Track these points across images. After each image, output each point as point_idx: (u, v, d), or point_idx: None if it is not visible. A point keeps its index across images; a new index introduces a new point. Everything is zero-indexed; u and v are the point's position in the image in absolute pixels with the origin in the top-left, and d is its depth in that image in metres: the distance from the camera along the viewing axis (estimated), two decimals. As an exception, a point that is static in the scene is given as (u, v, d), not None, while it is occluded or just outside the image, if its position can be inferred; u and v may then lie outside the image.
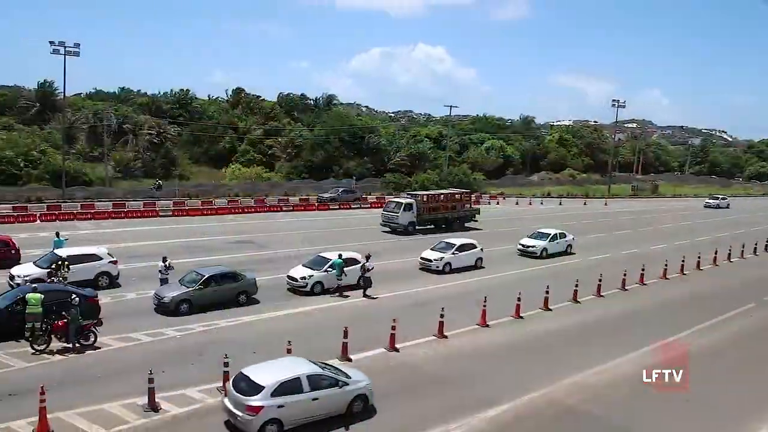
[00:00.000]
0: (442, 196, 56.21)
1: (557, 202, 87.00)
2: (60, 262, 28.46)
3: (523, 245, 43.25)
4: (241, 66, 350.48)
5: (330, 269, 31.04)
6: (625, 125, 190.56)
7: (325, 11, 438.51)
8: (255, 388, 16.35)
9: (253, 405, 16.05)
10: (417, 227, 51.08)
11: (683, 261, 40.25)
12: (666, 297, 33.56)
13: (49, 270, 28.15)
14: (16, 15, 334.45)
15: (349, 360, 21.77)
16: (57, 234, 35.05)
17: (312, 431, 16.95)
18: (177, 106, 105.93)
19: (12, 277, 28.43)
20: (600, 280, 32.99)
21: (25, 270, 29.00)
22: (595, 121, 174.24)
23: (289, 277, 31.21)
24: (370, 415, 18.08)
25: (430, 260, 36.51)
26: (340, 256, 31.69)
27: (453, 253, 37.02)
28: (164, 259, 29.82)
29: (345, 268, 31.22)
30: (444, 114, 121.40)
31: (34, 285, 24.10)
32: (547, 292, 29.96)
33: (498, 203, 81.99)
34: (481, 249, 38.95)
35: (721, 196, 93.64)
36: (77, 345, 21.82)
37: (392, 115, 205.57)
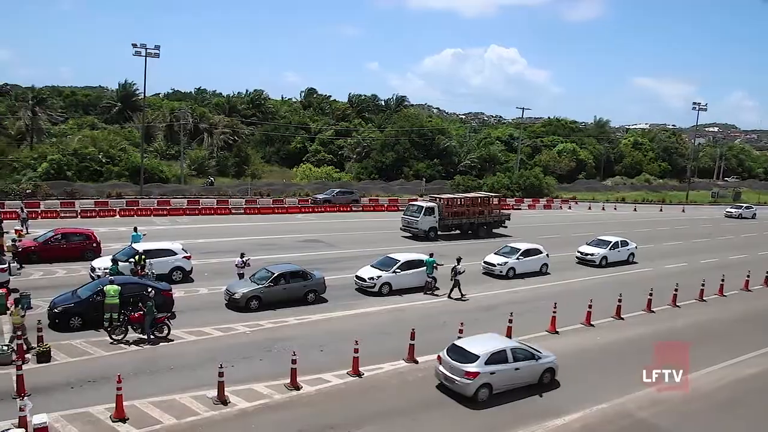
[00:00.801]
0: (467, 200, 53.00)
1: (632, 207, 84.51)
2: (137, 257, 29.47)
3: (581, 253, 41.75)
4: (313, 67, 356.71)
5: (398, 270, 31.15)
6: (706, 129, 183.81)
7: (398, 12, 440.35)
8: (470, 358, 19.06)
9: (471, 371, 18.78)
10: (439, 233, 48.57)
11: (768, 273, 38.27)
12: (747, 310, 32.09)
13: (134, 263, 29.11)
14: (101, 20, 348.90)
15: (416, 362, 21.72)
16: (135, 229, 36.34)
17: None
18: (251, 106, 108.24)
19: (93, 269, 29.60)
20: (676, 290, 31.85)
21: (106, 263, 30.10)
22: (673, 125, 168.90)
23: (357, 277, 31.38)
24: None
25: (494, 264, 36.04)
26: (431, 255, 32.30)
27: (518, 258, 36.39)
28: (242, 255, 30.84)
29: (412, 270, 31.32)
30: (515, 116, 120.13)
31: (111, 277, 25.07)
32: (620, 301, 29.10)
33: (570, 208, 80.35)
34: (547, 255, 38.20)
35: (745, 205, 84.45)
36: (152, 337, 22.52)
37: (463, 117, 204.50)
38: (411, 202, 53.31)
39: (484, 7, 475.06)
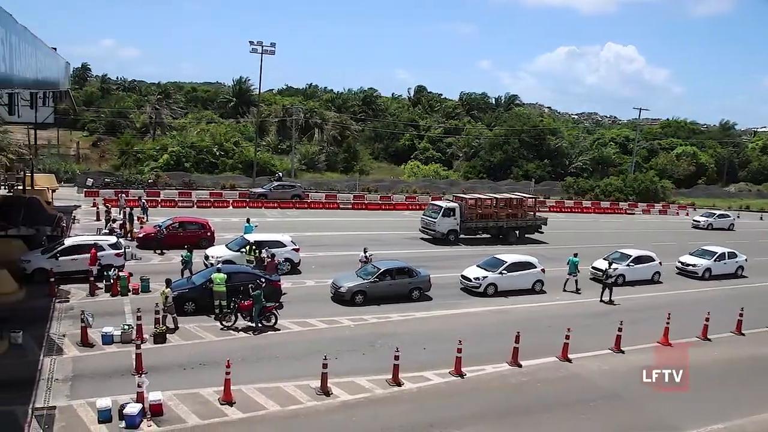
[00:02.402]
0: (497, 200, 47.52)
1: (757, 216, 79.13)
2: (248, 247, 30.38)
3: (682, 263, 38.81)
4: (424, 64, 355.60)
5: (505, 271, 30.59)
6: None
7: (514, 9, 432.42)
8: None
9: None
10: (462, 236, 44.34)
11: None
12: None
13: (260, 254, 29.93)
14: (220, 18, 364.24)
15: (519, 366, 21.23)
16: (247, 220, 37.50)
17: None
18: (361, 102, 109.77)
19: (207, 257, 30.80)
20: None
21: (218, 251, 31.32)
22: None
23: (462, 276, 31.02)
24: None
25: (601, 270, 34.64)
26: (575, 255, 32.52)
27: (628, 265, 34.79)
28: (365, 250, 31.59)
29: (519, 272, 30.89)
30: (632, 117, 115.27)
31: (218, 266, 25.97)
32: (741, 315, 27.19)
33: (687, 214, 76.36)
34: (660, 263, 36.34)
35: (718, 213, 67.28)
36: (260, 325, 23.13)
37: (575, 117, 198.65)
38: (431, 202, 49.81)
39: (603, 3, 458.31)
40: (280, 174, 69.25)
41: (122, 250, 29.21)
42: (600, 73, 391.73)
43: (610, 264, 32.46)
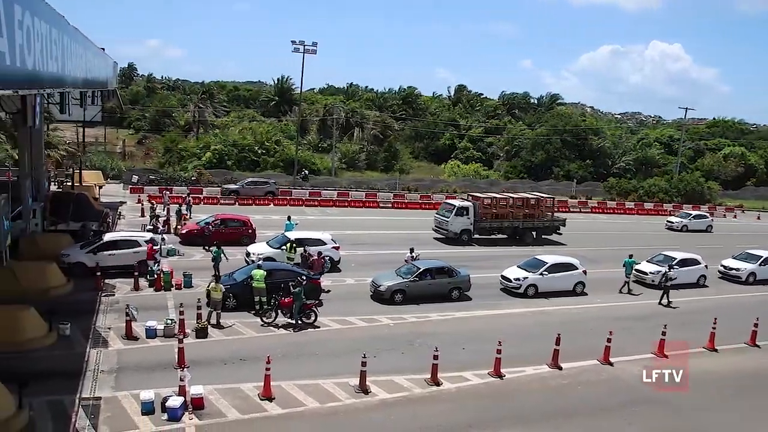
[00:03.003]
0: (513, 200, 46.37)
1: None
2: (289, 244, 30.65)
3: (725, 267, 37.75)
4: (465, 64, 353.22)
5: (546, 272, 30.31)
6: None
7: (558, 8, 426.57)
8: None
9: None
10: (476, 236, 43.32)
11: None
12: None
13: (302, 255, 30.21)
14: (261, 18, 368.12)
15: (560, 368, 21.00)
16: (288, 218, 37.85)
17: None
18: (401, 102, 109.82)
19: (248, 254, 31.18)
20: None
21: (259, 248, 31.67)
22: None
23: (502, 276, 30.81)
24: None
25: (646, 273, 34.04)
26: (630, 256, 32.51)
27: (672, 267, 34.08)
28: (411, 250, 31.75)
29: (560, 273, 30.64)
30: (677, 117, 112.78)
31: (258, 263, 26.27)
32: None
33: (735, 217, 74.54)
34: (706, 266, 35.56)
35: (694, 213, 61.86)
36: (300, 322, 23.31)
37: (618, 116, 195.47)
38: (445, 201, 48.34)
39: (648, 0, 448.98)
40: (306, 172, 69.77)
41: (158, 247, 29.72)
42: (644, 71, 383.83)
43: (670, 267, 31.98)
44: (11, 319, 19.58)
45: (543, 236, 45.60)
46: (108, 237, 29.75)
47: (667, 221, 60.07)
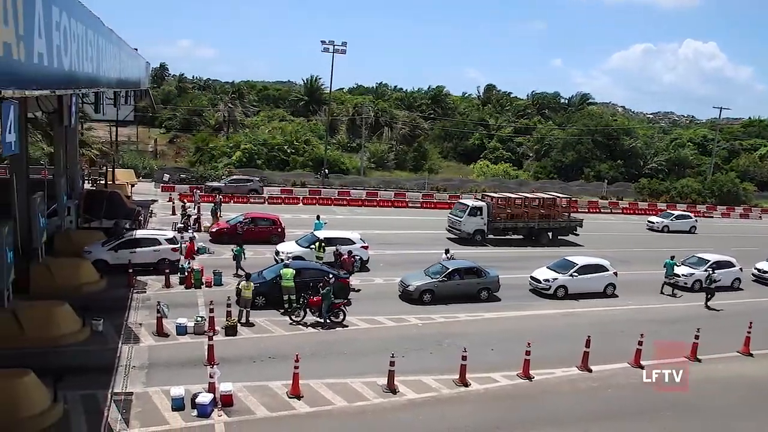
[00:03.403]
0: (527, 201, 45.95)
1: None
2: (317, 243, 30.79)
3: (759, 270, 37.02)
4: (495, 63, 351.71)
5: (575, 274, 30.03)
6: None
7: (591, 6, 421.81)
8: None
9: None
10: (489, 236, 42.66)
11: None
12: None
13: (336, 255, 30.35)
14: (290, 18, 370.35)
15: (589, 371, 20.79)
16: (318, 217, 37.99)
17: None
18: (430, 101, 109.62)
19: (277, 253, 31.39)
20: None
21: (288, 247, 31.85)
22: None
23: (532, 277, 30.62)
24: None
25: (679, 276, 33.47)
26: (672, 257, 32.56)
27: (705, 270, 33.34)
28: (447, 251, 31.91)
29: (590, 275, 30.38)
30: (711, 116, 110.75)
31: (286, 261, 26.43)
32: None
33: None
34: (740, 269, 34.98)
35: (676, 213, 58.57)
36: (328, 321, 23.39)
37: (650, 116, 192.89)
38: (459, 200, 47.43)
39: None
40: (326, 171, 69.67)
41: (178, 245, 30.04)
42: (678, 70, 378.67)
43: (713, 269, 31.84)
44: (47, 314, 19.94)
45: (559, 237, 44.85)
46: (129, 235, 30.12)
47: (648, 221, 57.51)
